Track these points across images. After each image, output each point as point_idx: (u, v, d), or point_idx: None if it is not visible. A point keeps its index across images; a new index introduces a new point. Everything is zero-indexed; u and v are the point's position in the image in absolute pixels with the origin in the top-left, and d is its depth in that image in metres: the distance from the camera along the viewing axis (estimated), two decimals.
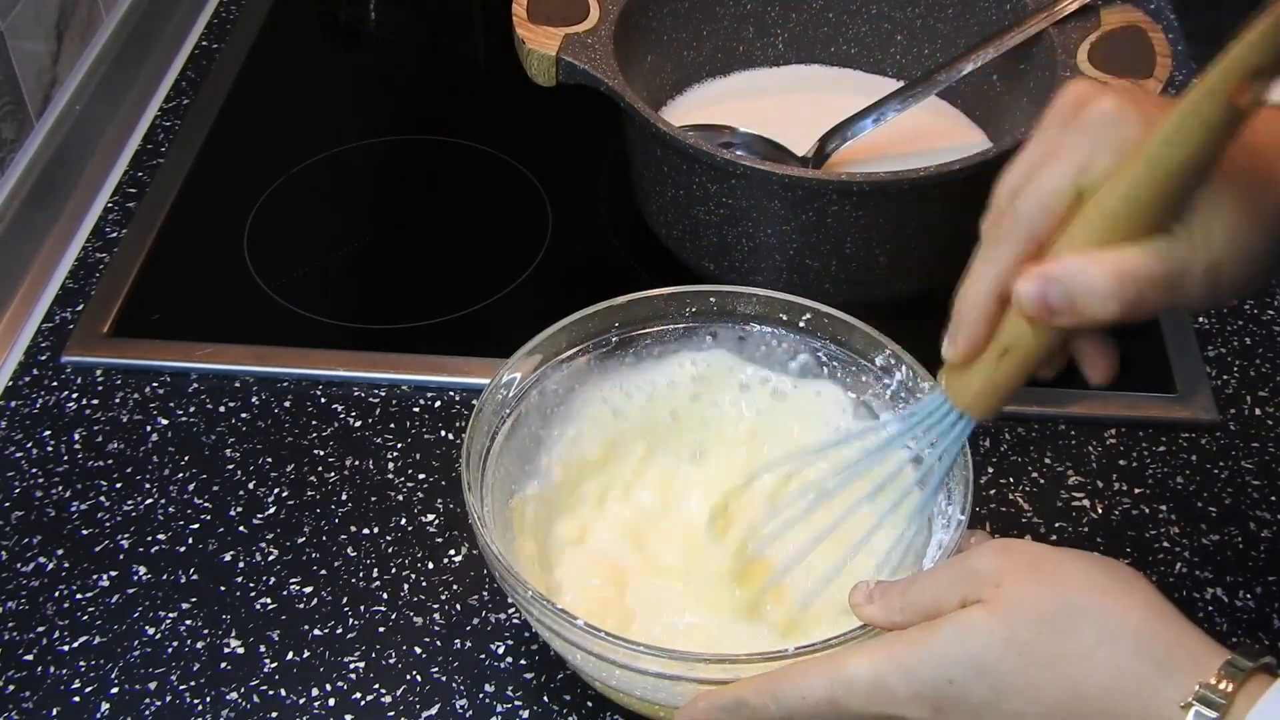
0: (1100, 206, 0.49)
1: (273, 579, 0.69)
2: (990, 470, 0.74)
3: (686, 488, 0.69)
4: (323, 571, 0.69)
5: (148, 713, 0.63)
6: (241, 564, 0.69)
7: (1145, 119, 0.49)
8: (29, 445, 0.75)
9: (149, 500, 0.72)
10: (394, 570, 0.69)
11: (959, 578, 0.49)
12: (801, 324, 0.68)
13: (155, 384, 0.79)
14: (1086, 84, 0.52)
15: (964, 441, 0.57)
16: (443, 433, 0.76)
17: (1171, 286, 0.49)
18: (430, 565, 0.69)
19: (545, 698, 0.64)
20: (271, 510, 0.72)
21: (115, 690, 0.64)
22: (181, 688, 0.64)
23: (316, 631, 0.66)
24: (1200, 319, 0.83)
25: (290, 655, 0.65)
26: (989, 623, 0.47)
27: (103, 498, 0.72)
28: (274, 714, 0.63)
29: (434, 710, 0.63)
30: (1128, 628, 0.46)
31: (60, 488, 0.73)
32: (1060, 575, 0.48)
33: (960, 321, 0.53)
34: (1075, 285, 0.49)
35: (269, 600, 0.68)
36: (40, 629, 0.66)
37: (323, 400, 0.78)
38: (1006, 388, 0.54)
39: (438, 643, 0.66)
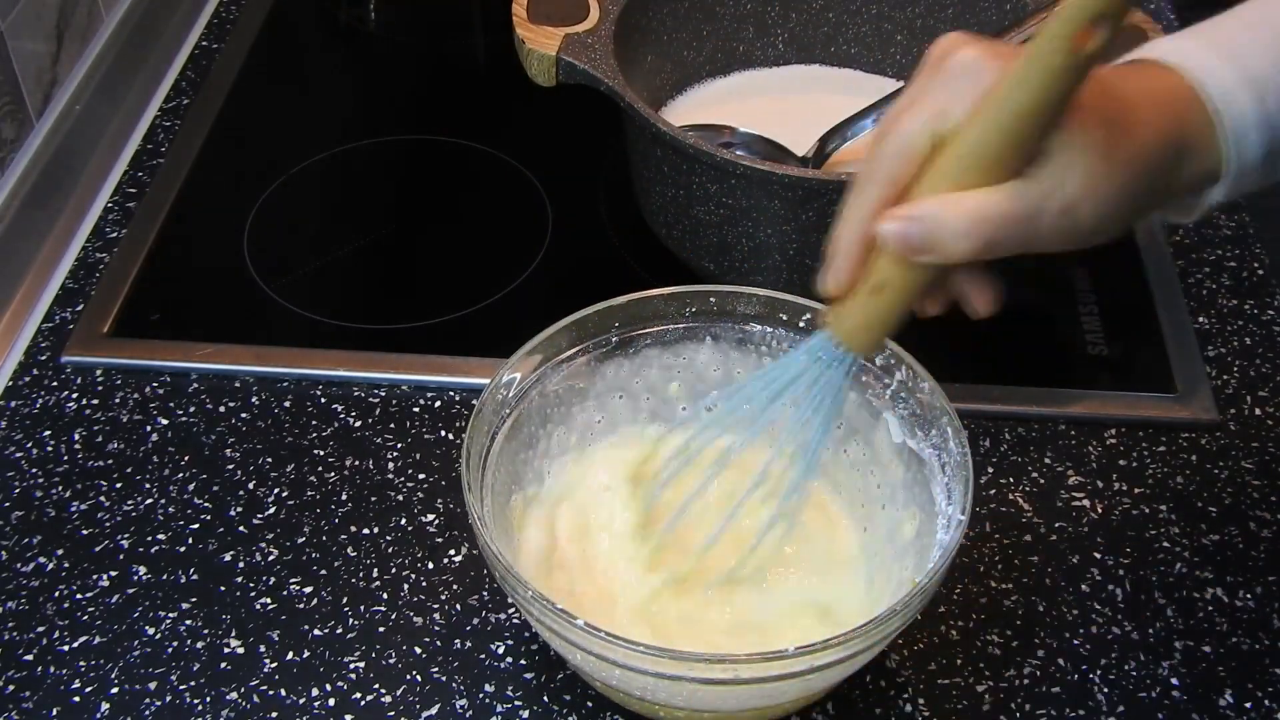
0: (955, 150, 0.52)
1: (273, 579, 0.69)
2: (990, 470, 0.74)
3: (687, 487, 0.69)
4: (323, 571, 0.69)
5: (148, 713, 0.63)
6: (241, 564, 0.69)
7: (1002, 68, 0.51)
8: (29, 445, 0.75)
9: (149, 500, 0.72)
10: (394, 570, 0.69)
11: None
12: (801, 324, 0.68)
13: (155, 384, 0.79)
14: (955, 35, 0.54)
15: (848, 374, 0.58)
16: (443, 433, 0.76)
17: (1026, 226, 0.52)
18: (430, 565, 0.69)
19: (545, 698, 0.64)
20: (271, 510, 0.72)
21: (115, 690, 0.64)
22: (181, 688, 0.64)
23: (316, 631, 0.66)
24: (1200, 319, 0.83)
25: (290, 655, 0.65)
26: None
27: (103, 498, 0.72)
28: (274, 714, 0.63)
29: (434, 710, 0.63)
30: None
31: (60, 488, 0.73)
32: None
33: (831, 259, 0.56)
34: (933, 225, 0.52)
35: (269, 600, 0.68)
36: (40, 629, 0.66)
37: (323, 400, 0.78)
38: (882, 322, 0.56)
39: (438, 643, 0.66)
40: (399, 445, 0.75)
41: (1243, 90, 0.54)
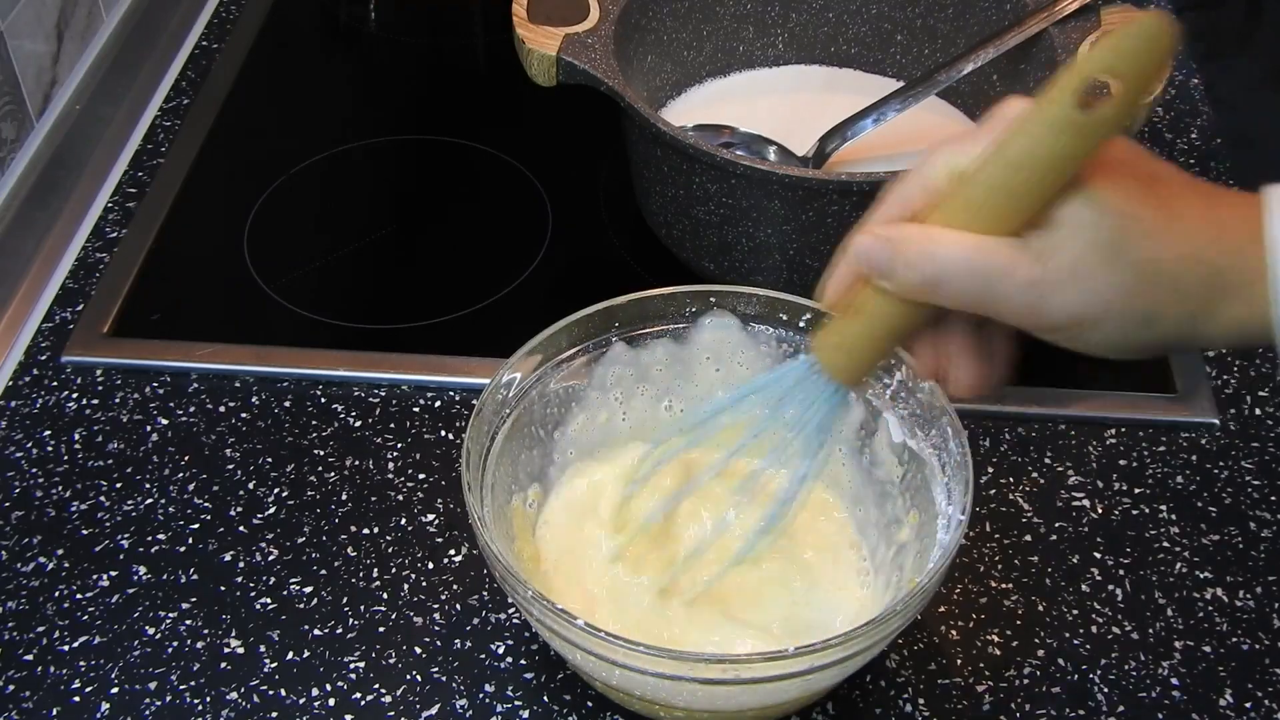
0: (962, 190, 0.50)
1: (273, 579, 0.69)
2: (990, 470, 0.74)
3: (683, 481, 0.69)
4: (323, 571, 0.69)
5: (148, 713, 0.63)
6: (241, 564, 0.69)
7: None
8: (29, 445, 0.75)
9: (149, 500, 0.72)
10: (394, 570, 0.69)
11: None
12: (801, 324, 0.68)
13: (155, 384, 0.79)
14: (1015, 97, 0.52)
15: (835, 412, 0.57)
16: (443, 433, 0.76)
17: (983, 281, 0.48)
18: (430, 565, 0.69)
19: (545, 698, 0.64)
20: (271, 510, 0.72)
21: (115, 690, 0.64)
22: (181, 688, 0.64)
23: (316, 631, 0.66)
24: None
25: (290, 655, 0.65)
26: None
27: (103, 498, 0.72)
28: (274, 714, 0.63)
29: (434, 710, 0.63)
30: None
31: (60, 488, 0.73)
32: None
33: (829, 273, 0.55)
34: (895, 248, 0.50)
35: (269, 600, 0.68)
36: (40, 629, 0.66)
37: (323, 400, 0.78)
38: (856, 347, 0.55)
39: (438, 643, 0.66)
40: (399, 445, 0.75)
41: None
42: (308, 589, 0.68)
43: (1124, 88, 0.46)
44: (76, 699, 0.63)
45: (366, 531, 0.71)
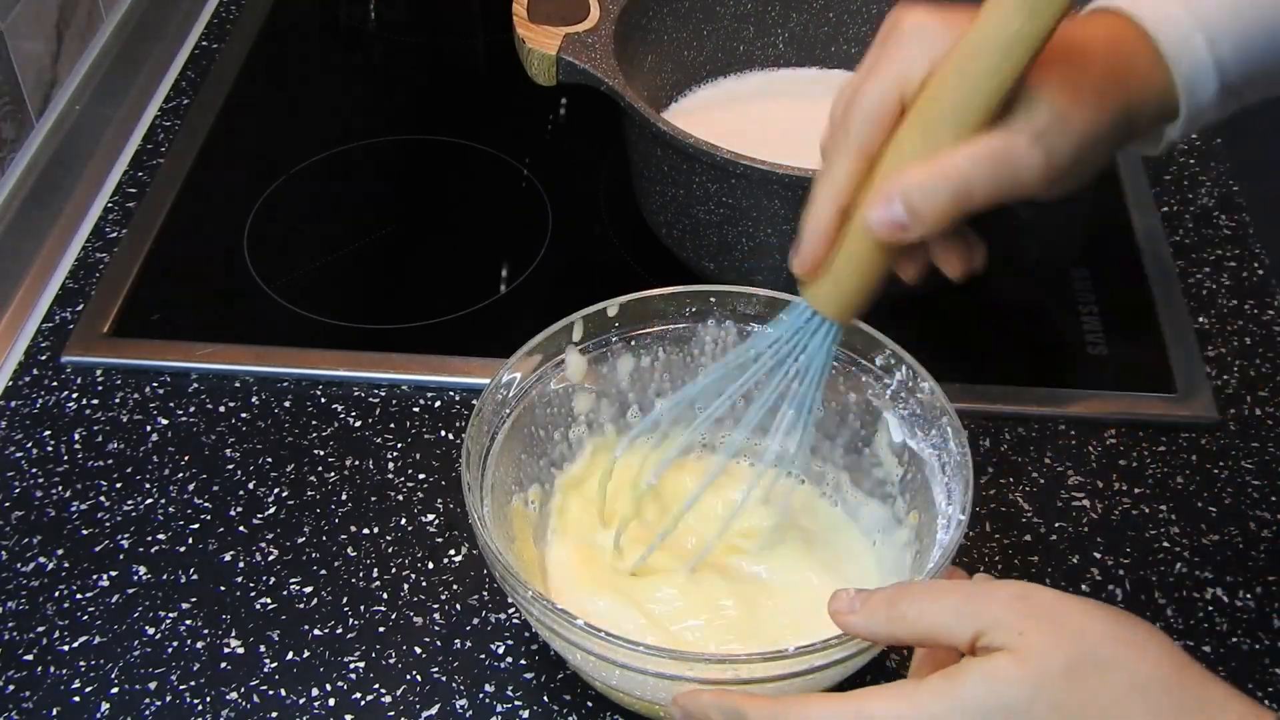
0: (921, 114, 0.52)
1: (273, 579, 0.69)
2: (990, 470, 0.74)
3: (687, 487, 0.69)
4: (323, 571, 0.69)
5: (148, 713, 0.63)
6: (241, 564, 0.69)
7: (952, 25, 0.52)
8: (29, 445, 0.75)
9: (149, 500, 0.72)
10: (394, 570, 0.69)
11: (971, 613, 0.48)
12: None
13: (155, 384, 0.79)
14: (903, 5, 0.54)
15: (832, 345, 0.59)
16: (443, 433, 0.76)
17: (1001, 167, 0.52)
18: (430, 565, 0.69)
19: (545, 698, 0.64)
20: (271, 510, 0.72)
21: (115, 690, 0.64)
22: (181, 688, 0.64)
23: (316, 631, 0.66)
24: (1200, 319, 0.83)
25: (290, 655, 0.65)
26: (1017, 672, 0.46)
27: (103, 498, 0.72)
28: (274, 714, 0.63)
29: (434, 710, 0.63)
30: (1156, 678, 0.46)
31: (60, 488, 0.73)
32: (1084, 628, 0.47)
33: (804, 237, 0.56)
34: (911, 194, 0.52)
35: (269, 600, 0.68)
36: (40, 629, 0.66)
37: (323, 400, 0.78)
38: (858, 289, 0.56)
39: (438, 643, 0.66)
40: (399, 445, 0.75)
41: (1195, 34, 0.55)
42: (308, 589, 0.68)
43: None
44: (76, 699, 0.63)
45: (366, 531, 0.71)
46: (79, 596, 0.68)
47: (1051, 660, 0.46)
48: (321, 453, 0.75)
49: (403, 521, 0.71)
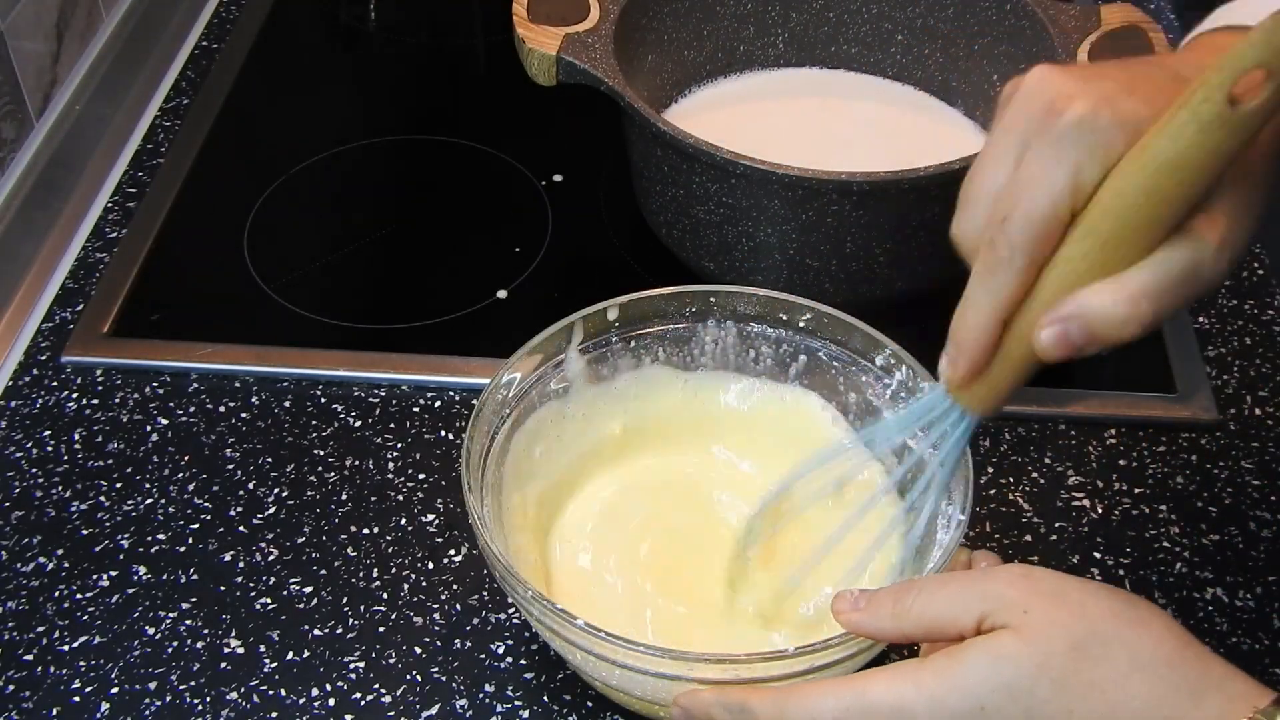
0: (1095, 227, 0.48)
1: (273, 579, 0.69)
2: (990, 470, 0.74)
3: (686, 487, 0.69)
4: (323, 571, 0.69)
5: (148, 713, 0.63)
6: (241, 564, 0.69)
7: (1124, 122, 0.48)
8: (29, 445, 0.75)
9: (149, 500, 0.72)
10: (394, 570, 0.69)
11: (976, 598, 0.48)
12: (801, 324, 0.68)
13: (155, 384, 0.79)
14: (1052, 78, 0.50)
15: (967, 440, 0.57)
16: (443, 433, 0.76)
17: (1190, 285, 0.48)
18: (430, 565, 0.69)
19: (545, 698, 0.64)
20: (271, 510, 0.72)
21: (115, 690, 0.64)
22: (181, 688, 0.64)
23: (316, 631, 0.66)
24: (1200, 319, 0.83)
25: (290, 655, 0.65)
26: (1021, 649, 0.46)
27: (103, 498, 0.72)
28: (274, 714, 0.63)
29: (434, 710, 0.63)
30: (1159, 656, 0.46)
31: (60, 488, 0.73)
32: (1087, 605, 0.47)
33: (961, 348, 0.53)
34: (1093, 319, 0.48)
35: (269, 600, 0.68)
36: (40, 629, 0.66)
37: (323, 400, 0.78)
38: (1011, 389, 0.54)
39: (438, 643, 0.66)
40: (399, 445, 0.75)
41: None
42: (308, 589, 0.68)
43: (1275, 81, 0.44)
44: (76, 699, 0.63)
45: (366, 531, 0.71)
46: (79, 596, 0.68)
47: (1055, 638, 0.46)
48: (321, 453, 0.75)
49: (403, 521, 0.71)
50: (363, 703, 0.63)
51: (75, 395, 0.78)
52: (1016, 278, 0.50)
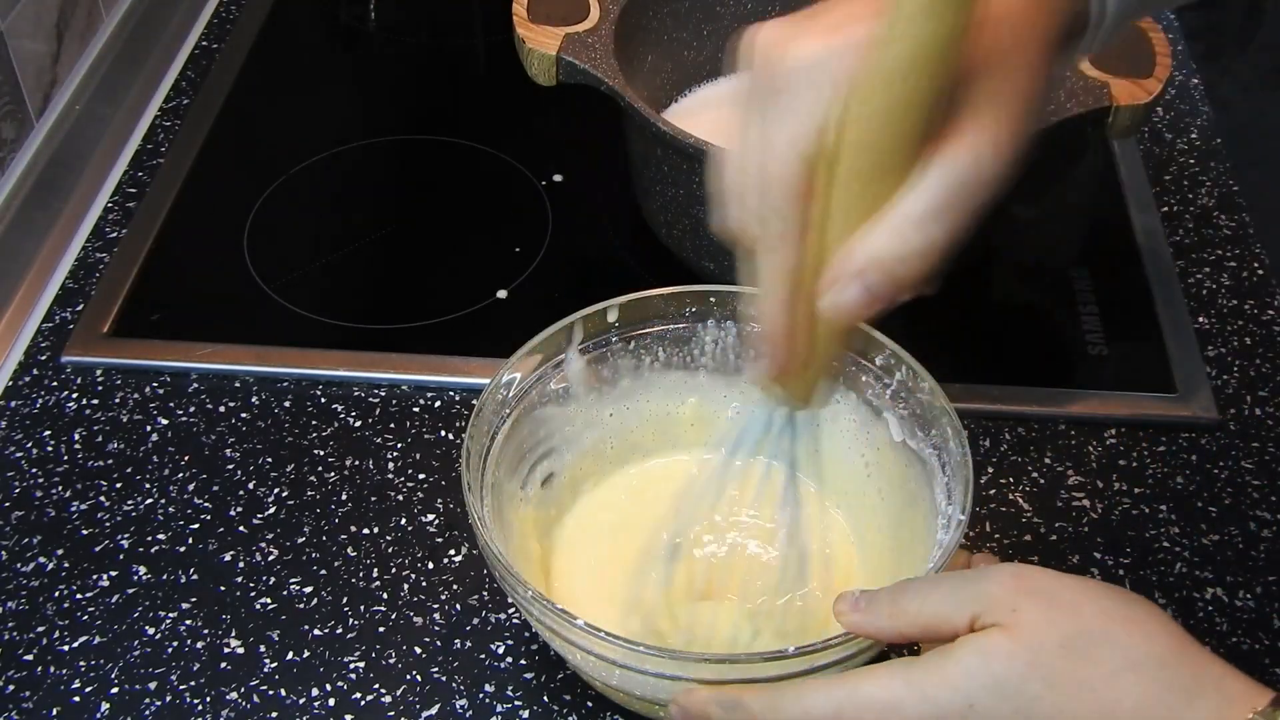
0: (852, 166, 0.46)
1: (273, 579, 0.69)
2: (990, 470, 0.74)
3: (686, 487, 0.69)
4: (323, 571, 0.69)
5: (148, 713, 0.63)
6: (241, 564, 0.69)
7: (839, 50, 0.46)
8: (29, 445, 0.75)
9: (149, 500, 0.72)
10: (394, 570, 0.69)
11: (968, 597, 0.48)
12: None
13: (155, 384, 0.79)
14: (761, 34, 0.48)
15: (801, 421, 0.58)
16: (443, 433, 0.76)
17: (972, 194, 0.46)
18: (430, 565, 0.69)
19: (545, 698, 0.64)
20: (271, 510, 0.72)
21: (115, 690, 0.64)
22: (181, 688, 0.64)
23: (316, 631, 0.66)
24: (1200, 319, 0.83)
25: (290, 655, 0.65)
26: (1011, 647, 0.46)
27: (103, 498, 0.72)
28: (274, 714, 0.63)
29: (434, 710, 0.63)
30: (1152, 655, 0.46)
31: (60, 488, 0.73)
32: (1079, 604, 0.47)
33: (772, 342, 0.52)
34: (888, 260, 0.46)
35: (269, 600, 0.68)
36: (40, 629, 0.66)
37: (323, 400, 0.78)
38: (826, 371, 0.54)
39: (438, 643, 0.66)
40: (399, 445, 0.75)
41: None
42: (308, 589, 0.68)
43: None
44: (76, 699, 0.63)
45: (366, 531, 0.71)
46: (79, 596, 0.68)
47: (1046, 636, 0.46)
48: (321, 453, 0.75)
49: (403, 521, 0.71)
50: (363, 703, 0.63)
51: (75, 395, 0.78)
52: (795, 246, 0.48)
